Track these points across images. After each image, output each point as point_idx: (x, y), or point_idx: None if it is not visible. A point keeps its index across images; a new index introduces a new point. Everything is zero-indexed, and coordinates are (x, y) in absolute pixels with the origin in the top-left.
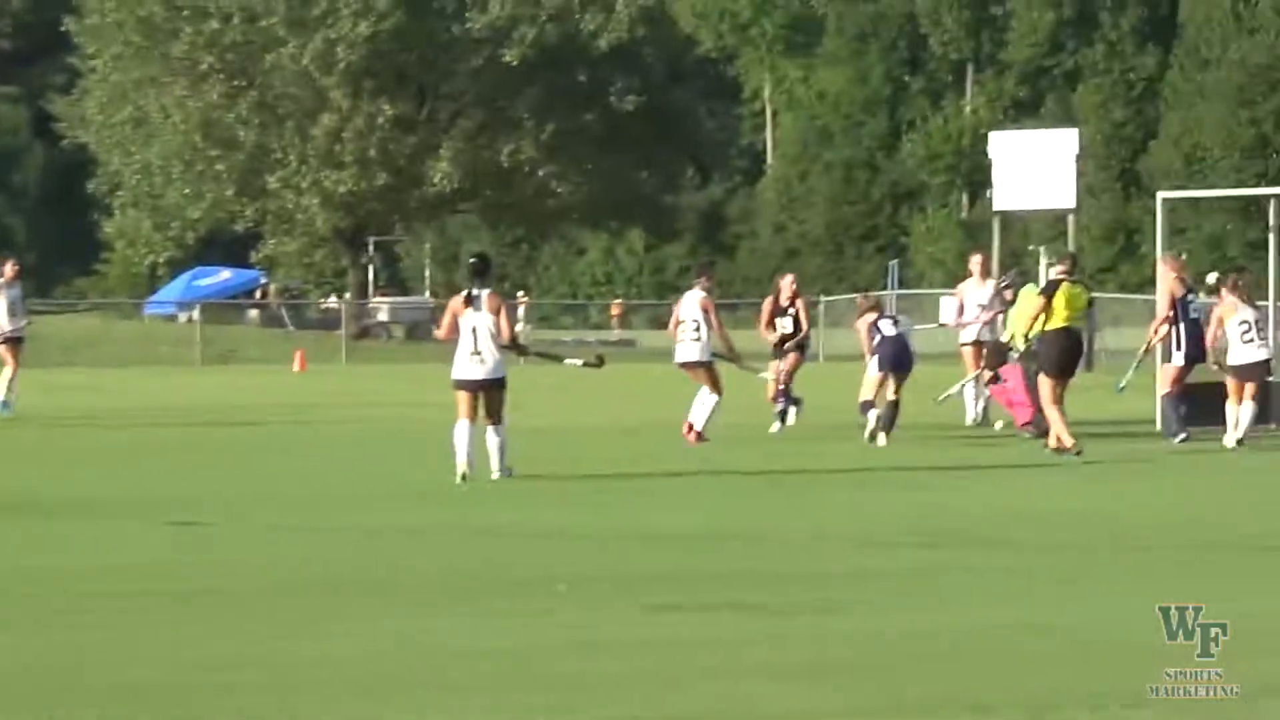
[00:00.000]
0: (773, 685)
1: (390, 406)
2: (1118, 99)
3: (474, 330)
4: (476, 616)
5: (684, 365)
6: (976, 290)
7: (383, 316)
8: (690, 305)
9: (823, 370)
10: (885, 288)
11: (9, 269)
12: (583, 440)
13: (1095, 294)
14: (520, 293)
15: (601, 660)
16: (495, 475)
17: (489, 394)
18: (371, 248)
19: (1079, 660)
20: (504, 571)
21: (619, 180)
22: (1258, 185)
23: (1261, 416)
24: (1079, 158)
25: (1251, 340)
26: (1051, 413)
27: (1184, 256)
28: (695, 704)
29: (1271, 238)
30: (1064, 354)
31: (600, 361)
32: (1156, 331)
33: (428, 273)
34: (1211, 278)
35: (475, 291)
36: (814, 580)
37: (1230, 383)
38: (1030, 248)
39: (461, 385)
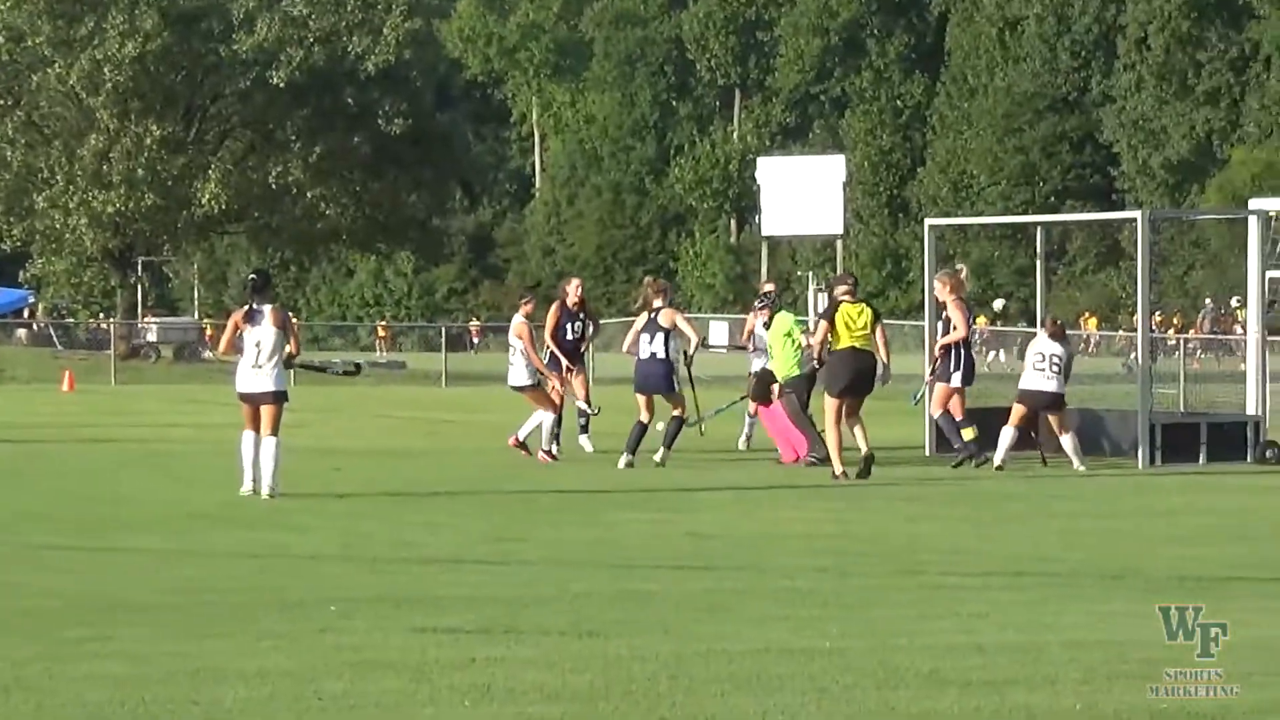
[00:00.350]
0: (547, 707)
1: (159, 426)
2: (885, 126)
3: (257, 344)
4: (249, 638)
5: (513, 388)
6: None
7: (152, 336)
8: (511, 330)
9: (593, 393)
10: None
11: None
12: (349, 461)
13: None
14: (289, 314)
15: (376, 680)
16: (265, 494)
17: (266, 406)
18: (140, 268)
19: (844, 685)
20: (275, 594)
21: (387, 203)
22: (1025, 212)
23: (1027, 443)
24: (846, 184)
25: (1043, 370)
26: (831, 434)
27: (964, 272)
28: None
29: (1039, 264)
30: (852, 374)
31: (357, 368)
32: (945, 348)
33: (196, 293)
34: (998, 304)
35: (256, 307)
36: (582, 601)
37: (1015, 406)
38: (798, 273)
39: (245, 398)
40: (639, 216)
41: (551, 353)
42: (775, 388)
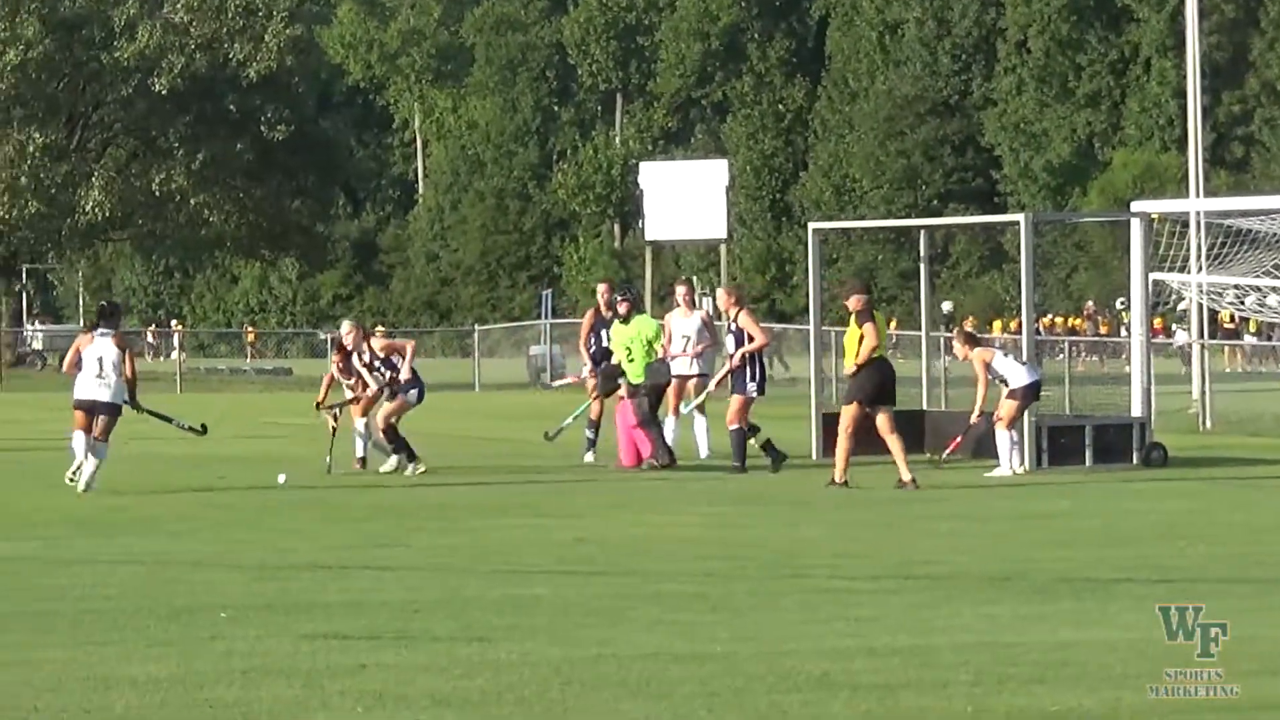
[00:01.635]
0: (438, 712)
1: (45, 434)
2: (767, 130)
3: (100, 359)
4: (137, 644)
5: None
6: (683, 321)
7: (37, 344)
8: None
9: (478, 400)
10: (539, 317)
11: None
12: (231, 469)
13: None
14: (174, 321)
15: (266, 687)
16: (82, 488)
17: (103, 416)
18: (25, 275)
19: (734, 688)
20: (161, 601)
21: (271, 209)
22: (908, 216)
23: (916, 445)
24: (729, 188)
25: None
26: (843, 443)
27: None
28: None
29: (922, 267)
30: (884, 382)
31: (204, 430)
32: (743, 358)
33: (81, 300)
34: (946, 306)
35: (103, 330)
36: (469, 608)
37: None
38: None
39: (80, 405)
40: (523, 222)
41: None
42: (624, 386)
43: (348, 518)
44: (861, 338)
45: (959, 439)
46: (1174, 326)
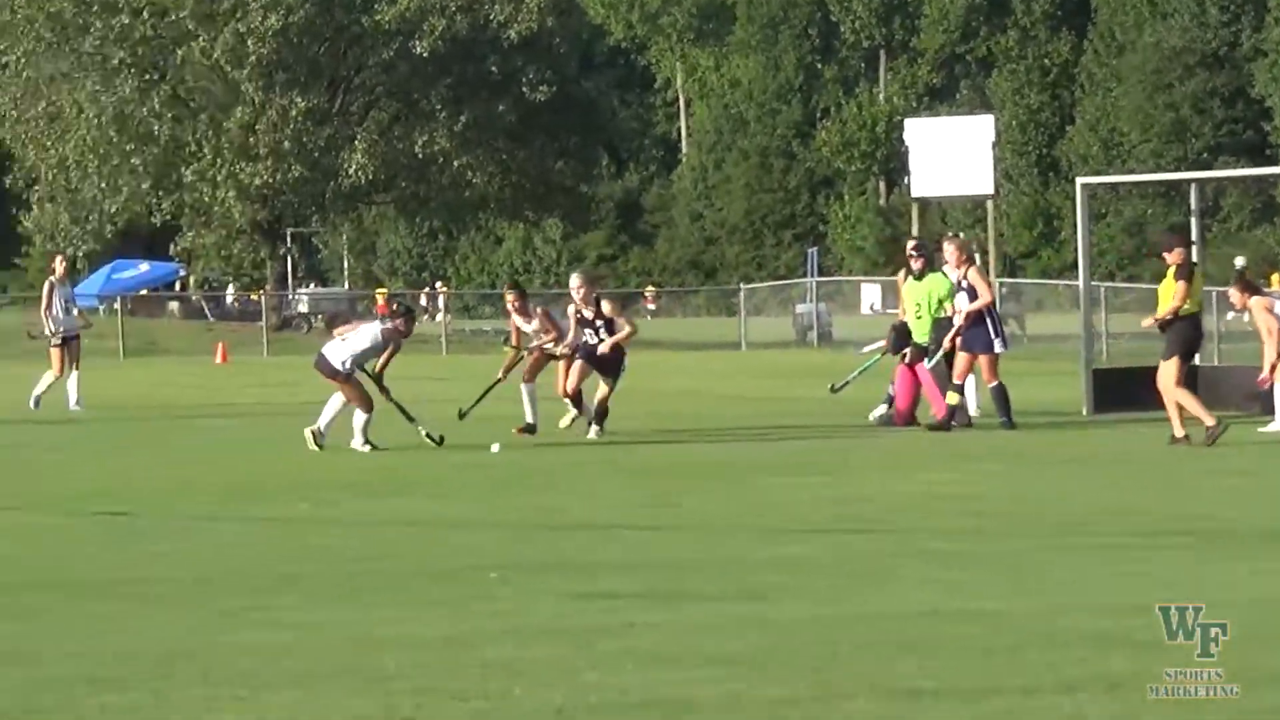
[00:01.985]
0: (710, 671)
1: (312, 397)
2: (1033, 84)
3: (359, 332)
4: (406, 605)
5: None
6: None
7: (303, 308)
8: None
9: (745, 359)
10: (805, 275)
11: (59, 266)
12: (500, 430)
13: (1017, 280)
14: (439, 283)
15: (536, 647)
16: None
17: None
18: (289, 239)
19: (1008, 646)
20: (430, 561)
21: (534, 170)
22: (1177, 169)
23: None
24: (995, 144)
25: None
26: (1185, 396)
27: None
28: (633, 690)
29: (1193, 221)
30: (1198, 337)
31: (440, 441)
32: (977, 315)
33: (346, 264)
34: (1239, 261)
35: (387, 321)
36: (740, 567)
37: None
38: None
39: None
40: (787, 180)
41: None
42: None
43: (619, 478)
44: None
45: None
46: None
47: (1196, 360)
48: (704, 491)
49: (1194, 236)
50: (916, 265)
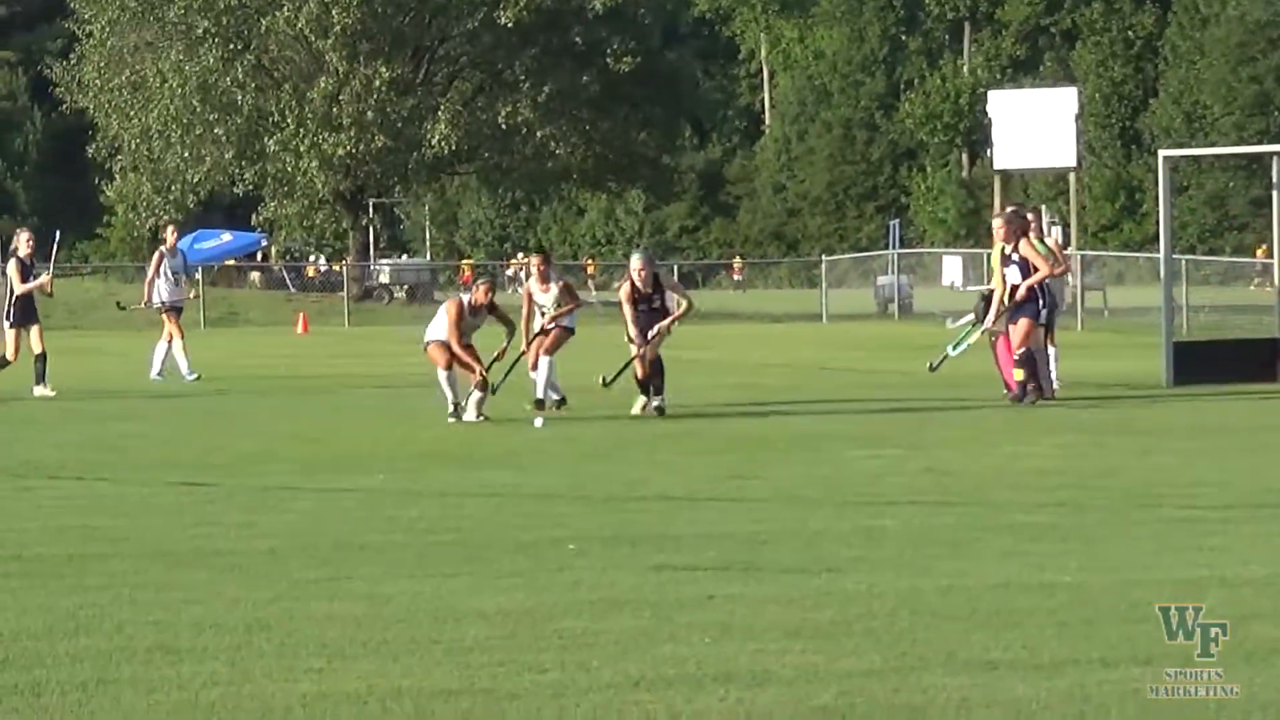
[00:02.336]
0: (787, 643)
1: (392, 368)
2: (1116, 57)
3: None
4: (485, 576)
5: None
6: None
7: (384, 278)
8: None
9: (827, 331)
10: (886, 247)
11: (170, 236)
12: (579, 399)
13: (1098, 252)
14: (520, 254)
15: (614, 619)
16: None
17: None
18: (371, 210)
19: (1085, 619)
20: (509, 533)
21: (617, 141)
22: (1259, 142)
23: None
24: (1078, 116)
25: None
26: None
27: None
28: (710, 662)
29: (1274, 195)
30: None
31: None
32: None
33: (428, 234)
34: None
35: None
36: (818, 539)
37: None
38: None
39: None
40: (870, 151)
41: None
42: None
43: (698, 450)
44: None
45: None
46: None
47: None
48: (784, 463)
49: (1275, 209)
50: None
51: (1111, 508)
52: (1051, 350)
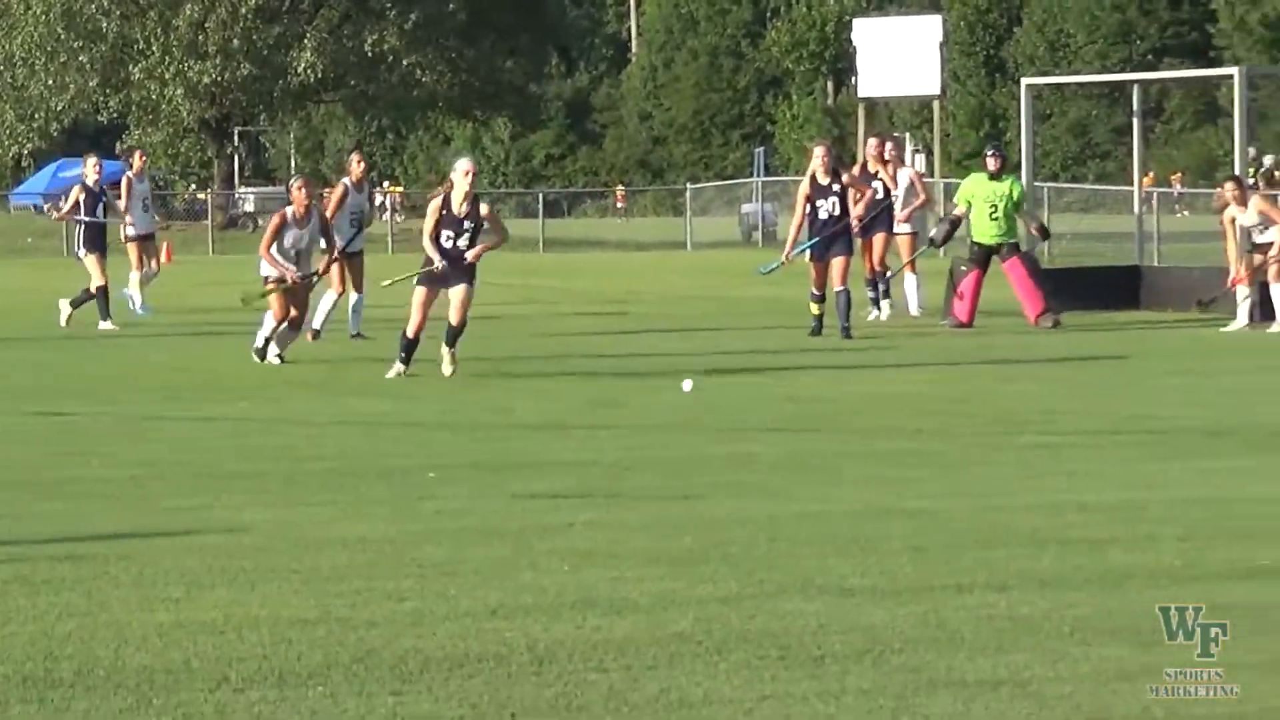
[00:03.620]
0: (646, 570)
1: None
2: None
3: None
4: (347, 505)
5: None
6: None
7: (249, 206)
8: None
9: (692, 259)
10: (752, 175)
11: (137, 160)
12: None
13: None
14: (387, 182)
15: (474, 547)
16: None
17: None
18: (237, 138)
19: (942, 544)
20: (375, 461)
21: (483, 69)
22: (1122, 71)
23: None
24: (943, 44)
25: None
26: None
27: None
28: (568, 590)
29: (1135, 123)
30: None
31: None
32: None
33: (293, 163)
34: (1269, 159)
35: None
36: (681, 467)
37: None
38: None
39: None
40: (736, 80)
41: None
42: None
43: (564, 379)
44: None
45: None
46: None
47: (1136, 259)
48: (649, 391)
49: (1136, 138)
50: (993, 166)
51: (973, 434)
52: (912, 277)
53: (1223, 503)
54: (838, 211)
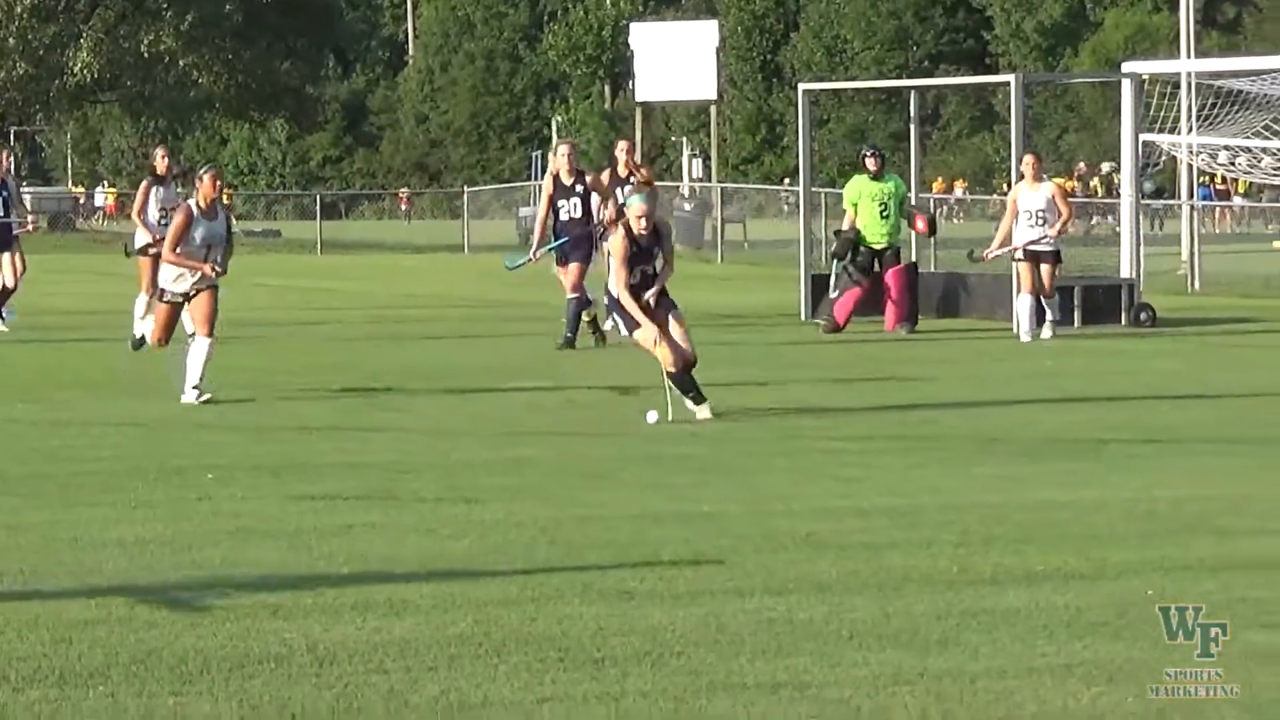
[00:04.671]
0: (425, 572)
1: (37, 297)
2: None
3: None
4: (125, 506)
5: None
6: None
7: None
8: None
9: (469, 262)
10: (529, 178)
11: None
12: (225, 330)
13: (739, 185)
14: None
15: (252, 548)
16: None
17: None
18: (13, 138)
19: (721, 549)
20: (154, 461)
21: (260, 70)
22: (899, 77)
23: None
24: (719, 49)
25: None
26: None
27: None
28: (348, 591)
29: (912, 129)
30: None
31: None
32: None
33: (70, 163)
34: (1105, 167)
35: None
36: (459, 470)
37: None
38: (673, 139)
39: None
40: (513, 83)
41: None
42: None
43: (342, 382)
44: None
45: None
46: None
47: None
48: (427, 395)
49: (913, 143)
50: (873, 166)
51: (752, 439)
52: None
53: (997, 508)
54: (578, 213)
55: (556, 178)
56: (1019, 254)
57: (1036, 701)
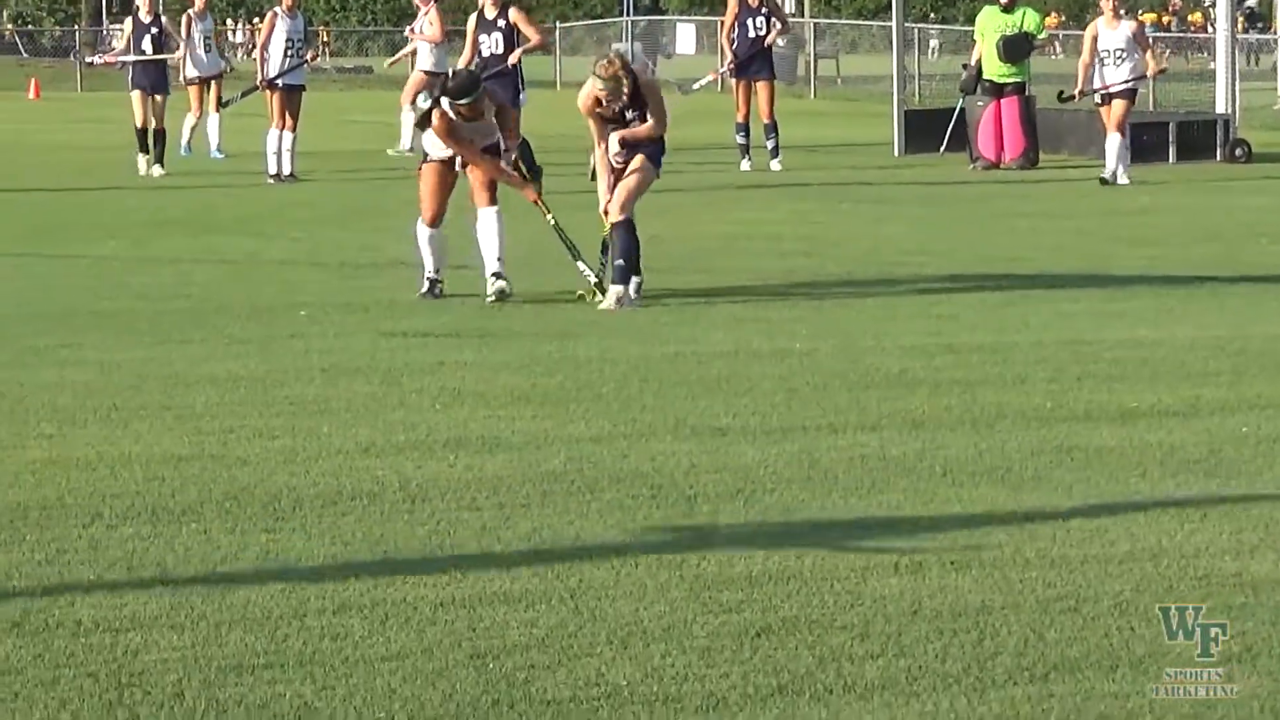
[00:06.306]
0: (517, 409)
1: (125, 135)
2: None
3: None
4: (217, 343)
5: None
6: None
7: (118, 44)
8: None
9: (560, 98)
10: (621, 14)
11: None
12: (315, 165)
13: (831, 20)
14: (255, 19)
15: (345, 385)
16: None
17: None
18: None
19: (814, 385)
20: (244, 300)
21: None
22: None
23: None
24: None
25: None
26: None
27: None
28: (440, 428)
29: None
30: None
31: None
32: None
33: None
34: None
35: None
36: (550, 305)
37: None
38: None
39: None
40: None
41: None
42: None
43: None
44: None
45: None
46: None
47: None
48: (525, 227)
49: None
50: None
51: (843, 275)
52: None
53: (1089, 345)
54: (500, 49)
55: (480, 13)
56: (1097, 98)
57: (1129, 539)
